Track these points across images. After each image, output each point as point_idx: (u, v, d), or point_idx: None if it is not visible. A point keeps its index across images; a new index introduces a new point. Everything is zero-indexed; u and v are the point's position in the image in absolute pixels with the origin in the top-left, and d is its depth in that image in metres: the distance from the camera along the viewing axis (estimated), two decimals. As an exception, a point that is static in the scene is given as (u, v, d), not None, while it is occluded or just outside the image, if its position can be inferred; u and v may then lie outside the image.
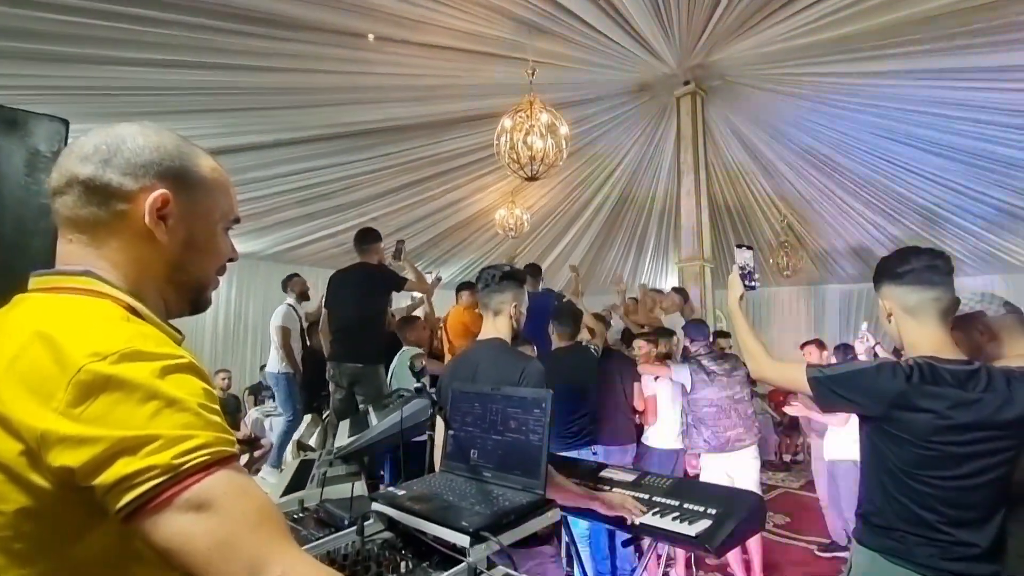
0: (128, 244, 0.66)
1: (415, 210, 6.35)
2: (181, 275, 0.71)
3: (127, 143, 0.66)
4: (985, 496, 1.21)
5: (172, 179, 0.67)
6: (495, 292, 1.81)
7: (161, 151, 0.67)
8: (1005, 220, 5.81)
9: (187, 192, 0.69)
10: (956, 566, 1.19)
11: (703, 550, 1.55)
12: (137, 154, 0.66)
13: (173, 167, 0.68)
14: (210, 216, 0.72)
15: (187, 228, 0.69)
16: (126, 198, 0.65)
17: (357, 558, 1.14)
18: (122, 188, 0.65)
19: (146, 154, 0.66)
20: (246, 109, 4.07)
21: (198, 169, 0.70)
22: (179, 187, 0.68)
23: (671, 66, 4.56)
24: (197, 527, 0.53)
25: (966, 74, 3.89)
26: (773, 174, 6.06)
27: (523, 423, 1.37)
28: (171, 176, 0.67)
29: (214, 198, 0.72)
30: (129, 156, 0.65)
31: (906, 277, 1.32)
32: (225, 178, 0.75)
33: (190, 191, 0.69)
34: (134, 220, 0.65)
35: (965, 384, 1.20)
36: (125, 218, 0.65)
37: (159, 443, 0.53)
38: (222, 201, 0.74)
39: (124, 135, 0.67)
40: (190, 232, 0.70)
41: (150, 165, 0.66)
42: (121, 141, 0.66)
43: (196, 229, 0.70)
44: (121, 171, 0.65)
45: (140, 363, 0.55)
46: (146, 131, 0.69)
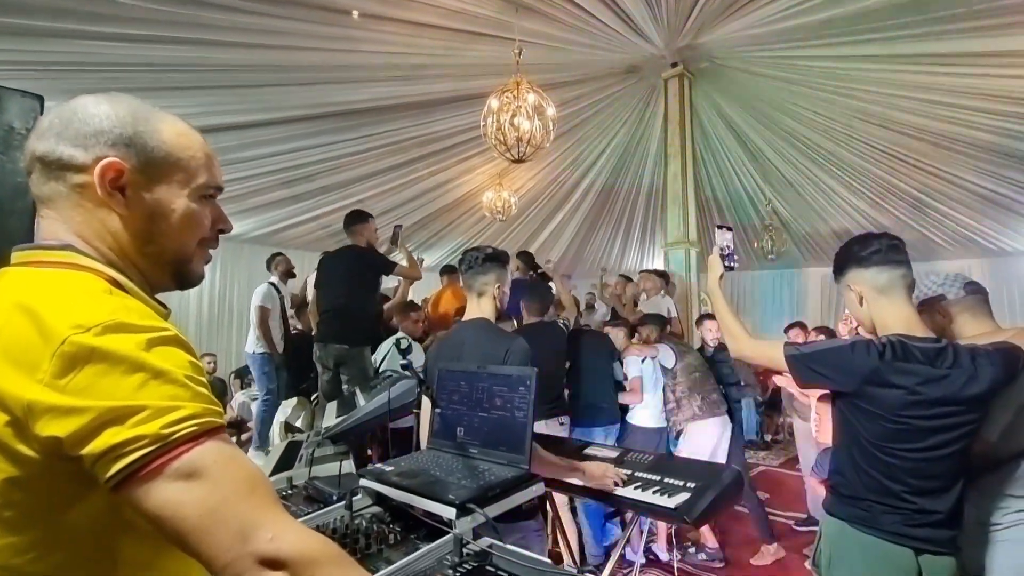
0: (92, 217, 0.65)
1: (401, 192, 6.30)
2: (152, 248, 0.68)
3: (78, 114, 0.64)
4: (947, 467, 1.27)
5: (125, 147, 0.64)
6: (479, 274, 1.83)
7: (113, 118, 0.64)
8: (984, 206, 5.93)
9: (145, 160, 0.65)
10: (919, 532, 1.26)
11: (683, 521, 1.61)
12: (86, 123, 0.63)
13: (125, 134, 0.64)
14: (176, 184, 0.68)
15: (150, 198, 0.66)
16: (80, 170, 0.63)
17: (346, 532, 1.17)
18: (74, 160, 0.63)
19: (95, 123, 0.64)
20: (228, 87, 3.98)
21: (157, 134, 0.67)
22: (136, 155, 0.65)
23: (659, 47, 4.54)
24: (188, 495, 0.54)
25: (946, 59, 3.93)
26: (759, 157, 6.11)
27: (509, 400, 1.40)
28: (124, 144, 0.64)
29: (180, 165, 0.68)
30: (79, 127, 0.63)
31: (873, 258, 1.36)
32: (194, 143, 0.70)
33: (149, 159, 0.66)
34: (95, 193, 0.64)
35: (934, 361, 1.25)
36: (85, 191, 0.64)
37: (147, 413, 0.53)
38: (191, 168, 0.69)
39: (76, 106, 0.65)
40: (154, 202, 0.66)
41: (100, 134, 0.63)
42: (73, 113, 0.64)
43: (160, 199, 0.67)
44: (72, 143, 0.63)
45: (125, 335, 0.55)
46: (101, 100, 0.65)
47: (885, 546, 1.27)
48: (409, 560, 1.01)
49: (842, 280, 1.44)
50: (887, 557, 1.27)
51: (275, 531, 0.56)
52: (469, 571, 0.98)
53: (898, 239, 1.38)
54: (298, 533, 0.59)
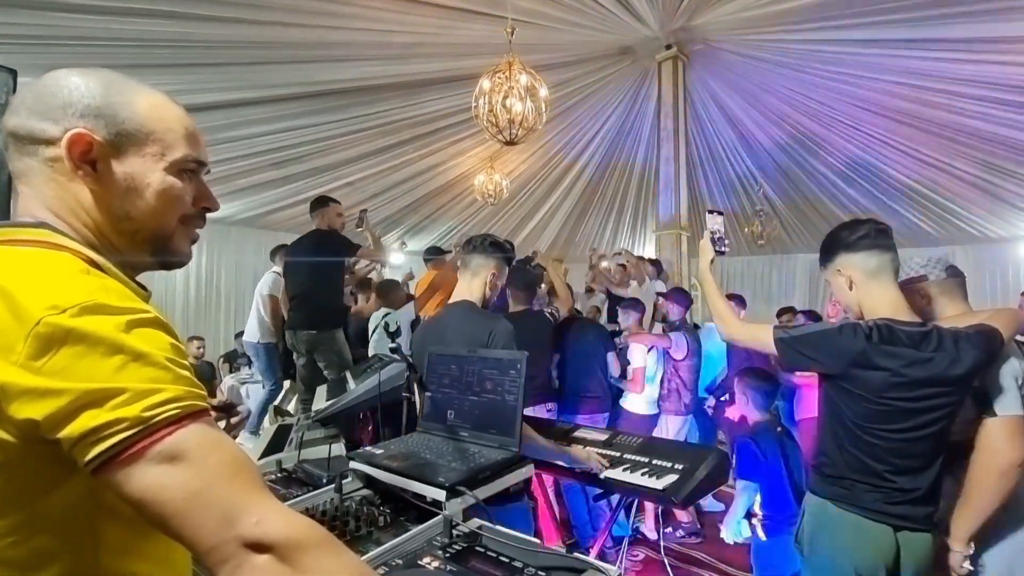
0: (65, 193, 0.63)
1: (392, 175, 6.22)
2: (129, 225, 0.66)
3: (49, 87, 0.62)
4: (928, 446, 1.31)
5: (95, 118, 0.62)
6: (478, 254, 1.84)
7: (83, 89, 0.62)
8: (970, 192, 5.98)
9: (116, 131, 0.63)
10: (898, 509, 1.31)
11: (671, 503, 1.63)
12: (56, 95, 0.62)
13: (94, 105, 0.62)
14: (150, 157, 0.65)
15: (123, 171, 0.64)
16: (51, 143, 0.61)
17: (336, 514, 1.17)
18: (44, 133, 0.61)
19: (64, 94, 0.62)
20: (212, 64, 3.88)
21: (130, 106, 0.64)
22: (106, 126, 0.63)
23: (653, 29, 4.48)
24: (170, 479, 0.53)
25: (938, 45, 3.93)
26: (751, 141, 6.10)
27: (499, 384, 1.40)
28: (93, 115, 0.62)
29: (154, 137, 0.65)
30: (49, 99, 0.62)
31: (863, 243, 1.38)
32: (172, 114, 0.68)
33: (120, 130, 0.63)
34: (66, 167, 0.62)
35: (919, 344, 1.28)
36: (56, 165, 0.62)
37: (126, 396, 0.52)
38: (168, 140, 0.66)
39: (48, 79, 0.63)
40: (127, 176, 0.64)
41: (69, 106, 0.61)
42: (44, 86, 0.63)
43: (134, 172, 0.64)
44: (41, 116, 0.61)
45: (103, 316, 0.53)
46: (73, 72, 0.64)
47: (865, 523, 1.31)
48: (399, 541, 1.01)
49: (830, 266, 1.45)
50: (867, 534, 1.31)
51: (260, 514, 0.55)
52: (458, 552, 0.99)
53: (885, 224, 1.41)
54: (284, 516, 0.58)
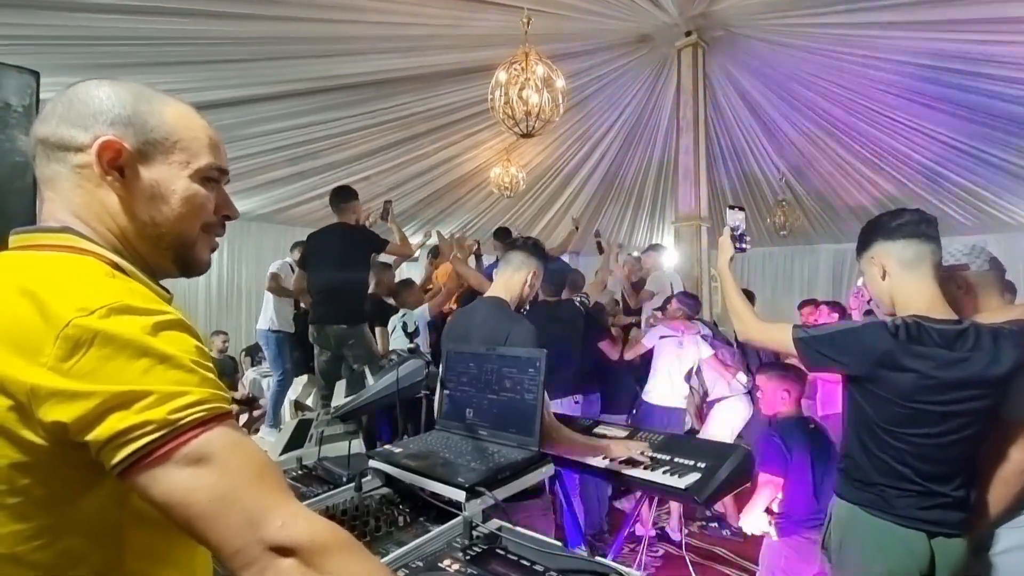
0: (92, 199, 0.65)
1: (407, 168, 6.22)
2: (153, 230, 0.67)
3: (79, 95, 0.64)
4: (960, 451, 1.24)
5: (124, 126, 0.64)
6: (522, 251, 1.85)
7: (113, 98, 0.64)
8: (1003, 178, 5.76)
9: (145, 139, 0.65)
10: (932, 514, 1.24)
11: (692, 501, 1.60)
12: (87, 104, 0.63)
13: (124, 114, 0.64)
14: (176, 165, 0.67)
15: (150, 178, 0.66)
16: (80, 150, 0.63)
17: (356, 513, 1.17)
18: (74, 141, 0.63)
19: (95, 103, 0.64)
20: (228, 61, 3.90)
21: (158, 114, 0.66)
22: (135, 134, 0.64)
23: (672, 15, 4.38)
24: (196, 481, 0.53)
25: (969, 25, 3.75)
26: (773, 130, 5.94)
27: (518, 382, 1.38)
28: (123, 123, 0.64)
29: (180, 145, 0.67)
30: (80, 107, 0.63)
31: (903, 230, 1.30)
32: (197, 124, 0.70)
33: (148, 138, 0.65)
34: (94, 173, 0.63)
35: (952, 344, 1.21)
36: (84, 172, 0.64)
37: (153, 398, 0.52)
38: (193, 148, 0.68)
39: (79, 89, 0.65)
40: (154, 182, 0.66)
41: (99, 114, 0.63)
42: (75, 95, 0.65)
43: (160, 179, 0.66)
44: (72, 124, 0.63)
45: (130, 318, 0.54)
46: (104, 83, 0.65)
47: (898, 530, 1.25)
48: (419, 543, 1.01)
49: (866, 254, 1.38)
50: (900, 541, 1.25)
51: (285, 517, 0.56)
52: (479, 554, 0.98)
53: (931, 215, 1.32)
54: (308, 519, 0.59)
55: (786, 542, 2.09)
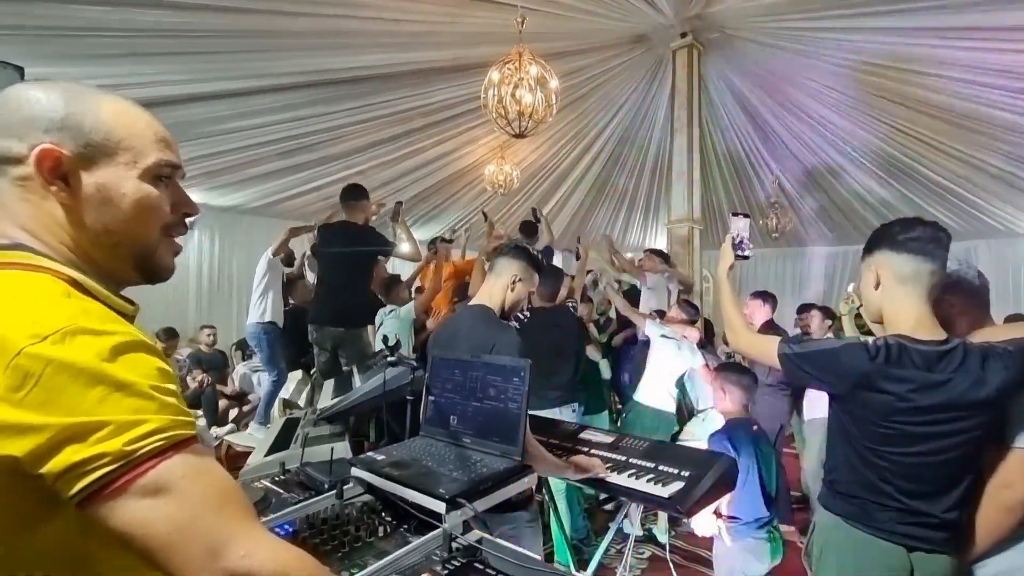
0: (39, 211, 0.61)
1: (402, 163, 6.18)
2: (108, 238, 0.64)
3: (9, 104, 0.61)
4: (945, 472, 1.23)
5: (59, 131, 0.60)
6: (506, 256, 1.85)
7: (44, 103, 0.60)
8: (995, 185, 5.80)
9: (84, 142, 0.61)
10: (913, 530, 1.24)
11: (675, 511, 1.61)
12: (18, 111, 0.60)
13: (57, 117, 0.60)
14: (122, 166, 0.63)
15: (95, 183, 0.62)
16: (19, 161, 0.59)
17: (336, 521, 1.16)
18: (11, 152, 0.59)
19: (26, 109, 0.60)
20: (220, 52, 3.85)
21: (93, 114, 0.62)
22: (73, 138, 0.61)
23: (668, 16, 4.36)
24: (155, 512, 0.52)
25: (964, 33, 3.77)
26: (766, 132, 5.95)
27: (502, 391, 1.38)
28: (57, 128, 0.60)
29: (124, 145, 0.63)
30: (10, 116, 0.60)
31: (909, 245, 1.26)
32: (139, 120, 0.66)
33: (87, 141, 0.61)
34: (37, 185, 0.60)
35: (934, 366, 1.19)
36: (28, 184, 0.60)
37: (109, 429, 0.51)
38: (138, 146, 0.64)
39: (7, 96, 0.61)
40: (101, 187, 0.62)
41: (32, 120, 0.59)
42: (4, 103, 0.61)
43: (108, 183, 0.62)
44: (6, 134, 0.59)
45: (84, 344, 0.52)
46: (32, 86, 0.62)
47: (878, 543, 1.26)
48: (397, 556, 1.00)
49: (869, 259, 1.34)
50: (879, 554, 1.26)
51: (248, 547, 0.55)
52: (458, 568, 0.97)
53: (944, 232, 1.27)
54: (272, 548, 0.58)
55: (740, 545, 2.11)
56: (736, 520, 2.10)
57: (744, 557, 2.10)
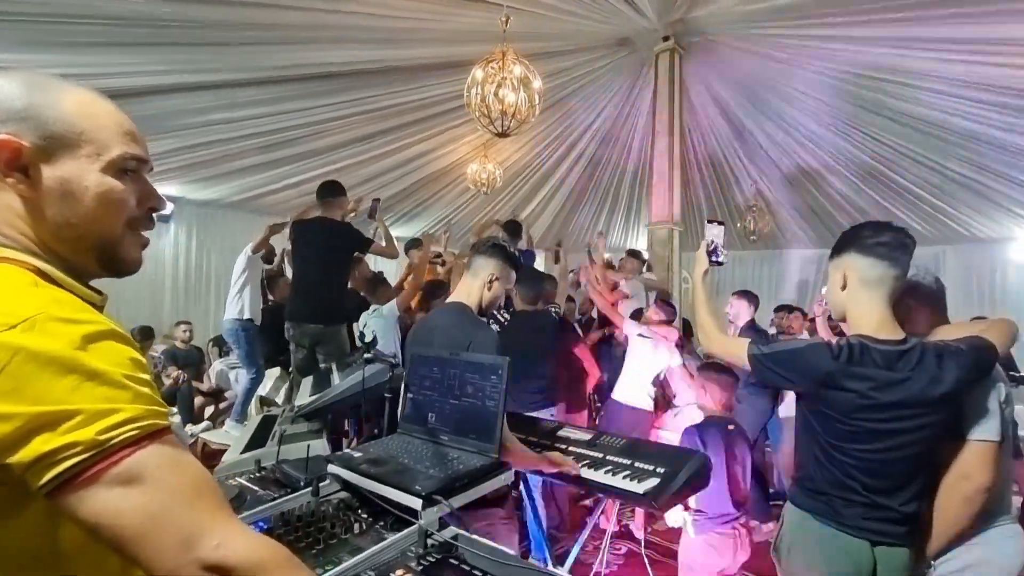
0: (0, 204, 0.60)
1: (384, 160, 6.14)
2: (70, 232, 0.63)
3: None
4: (905, 467, 1.29)
5: (19, 121, 0.59)
6: (482, 255, 1.85)
7: (3, 92, 0.59)
8: (961, 192, 6.00)
9: (45, 134, 0.60)
10: (876, 525, 1.30)
11: (650, 506, 1.64)
12: None
13: (17, 107, 0.59)
14: (84, 158, 0.62)
15: (57, 176, 0.61)
16: None
17: (311, 518, 1.16)
18: None
19: None
20: (197, 44, 3.77)
21: (57, 105, 0.61)
22: (33, 129, 0.59)
23: (651, 20, 4.41)
24: (127, 502, 0.52)
25: (933, 44, 3.89)
26: (746, 137, 6.06)
27: (480, 388, 1.39)
28: (17, 119, 0.59)
29: (86, 137, 0.62)
30: None
31: (877, 250, 1.31)
32: (103, 112, 0.65)
33: (49, 132, 0.60)
34: None
35: (894, 364, 1.25)
36: None
37: (81, 418, 0.50)
38: (102, 139, 0.63)
39: None
40: (62, 180, 0.61)
41: None
42: None
43: (70, 176, 0.61)
44: None
45: (55, 332, 0.52)
46: None
47: (843, 538, 1.31)
48: (372, 552, 1.01)
49: (838, 260, 1.40)
50: (844, 548, 1.31)
51: (221, 537, 0.55)
52: (433, 563, 0.98)
53: (909, 238, 1.33)
54: (246, 539, 0.58)
55: (703, 539, 2.18)
56: (701, 514, 2.16)
57: (706, 550, 2.16)
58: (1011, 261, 6.93)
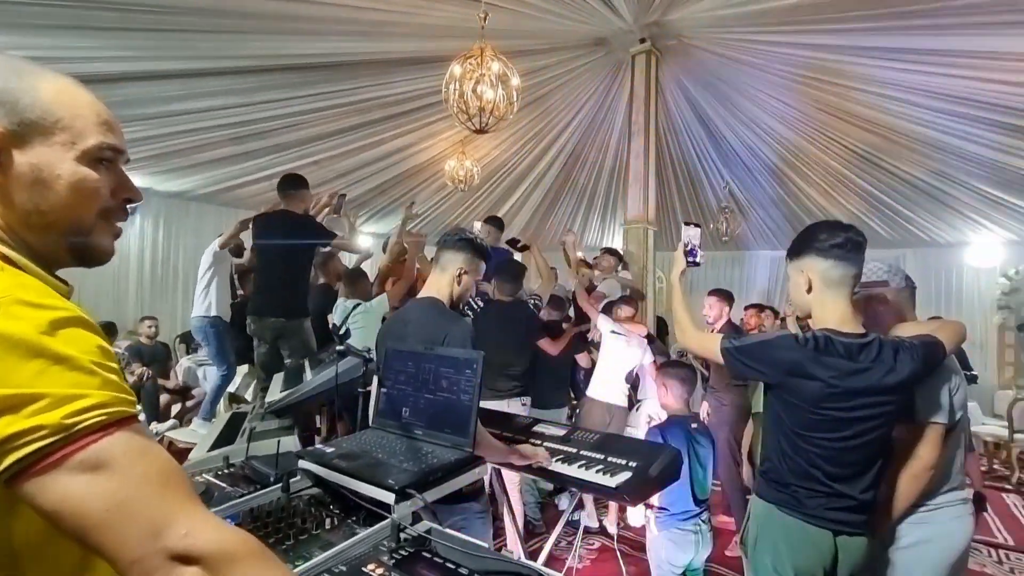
0: None
1: (360, 155, 6.06)
2: (40, 219, 0.61)
3: None
4: (864, 454, 1.37)
5: None
6: (449, 249, 1.85)
7: None
8: (922, 198, 6.25)
9: (19, 119, 0.59)
10: (838, 515, 1.37)
11: (622, 500, 1.67)
12: None
13: None
14: (59, 146, 0.61)
15: (29, 162, 0.60)
16: None
17: (282, 514, 1.14)
18: None
19: None
20: (170, 31, 3.65)
21: (34, 91, 0.60)
22: (7, 114, 0.58)
23: (628, 22, 4.47)
24: (91, 488, 0.50)
25: (895, 54, 4.04)
26: (719, 139, 6.19)
27: (455, 383, 1.39)
28: None
29: (62, 124, 0.61)
30: None
31: (835, 252, 1.38)
32: (81, 100, 0.64)
33: (22, 118, 0.59)
34: None
35: (856, 356, 1.34)
36: None
37: (46, 402, 0.49)
38: (77, 127, 0.62)
39: None
40: (34, 167, 0.60)
41: None
42: None
43: (42, 163, 0.60)
44: None
45: (20, 315, 0.50)
46: None
47: (807, 528, 1.37)
48: (344, 546, 1.00)
49: (796, 261, 1.46)
50: (808, 538, 1.37)
51: (190, 526, 0.53)
52: (405, 557, 0.98)
53: (863, 237, 1.41)
54: (216, 528, 0.56)
55: (665, 535, 2.24)
56: (664, 511, 2.21)
57: (669, 547, 2.22)
58: (966, 264, 7.26)
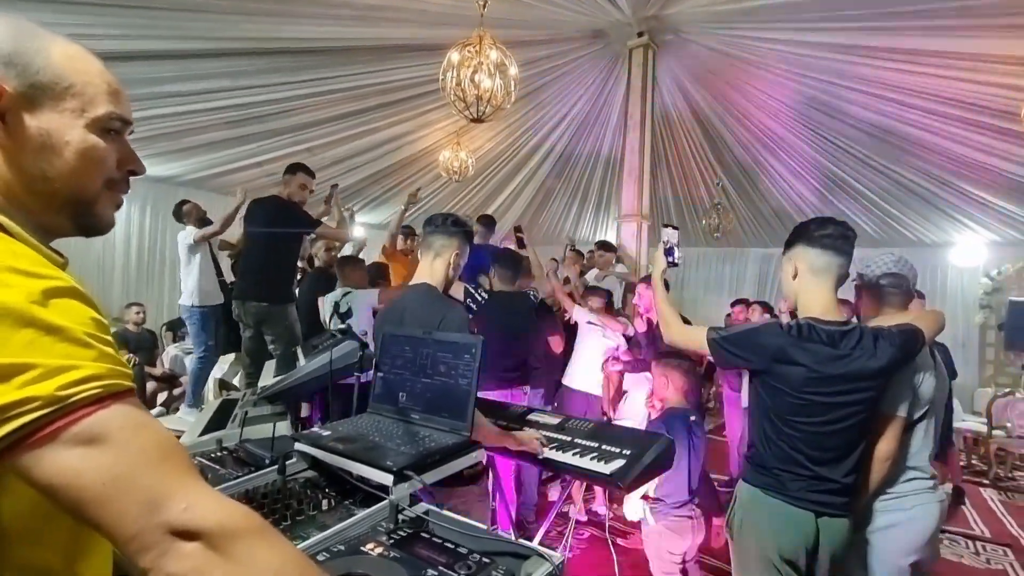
0: None
1: (355, 142, 6.00)
2: (44, 185, 0.60)
3: None
4: (844, 439, 1.42)
5: (5, 66, 0.56)
6: (441, 234, 1.82)
7: None
8: (909, 197, 6.33)
9: (29, 82, 0.58)
10: (820, 497, 1.42)
11: (616, 487, 1.68)
12: None
13: (3, 51, 0.56)
14: (69, 112, 0.60)
15: (37, 126, 0.59)
16: None
17: (278, 496, 1.13)
18: None
19: None
20: (161, 9, 3.58)
21: (46, 54, 0.59)
22: (17, 75, 0.57)
23: (626, 14, 4.46)
24: (88, 462, 0.49)
25: (889, 54, 4.08)
26: (713, 135, 6.21)
27: (453, 367, 1.39)
28: (2, 63, 0.56)
29: (73, 91, 0.60)
30: None
31: (823, 241, 1.46)
32: (92, 68, 0.63)
33: (34, 81, 0.58)
34: None
35: (837, 343, 1.39)
36: None
37: (38, 372, 0.47)
38: (88, 94, 0.61)
39: None
40: (43, 132, 0.59)
41: None
42: None
43: (51, 128, 0.59)
44: None
45: (11, 283, 0.49)
46: None
47: (790, 509, 1.42)
48: (342, 526, 1.00)
49: (789, 252, 1.54)
50: (791, 519, 1.42)
51: (190, 500, 0.52)
52: (403, 538, 0.98)
53: (851, 231, 1.47)
54: (217, 502, 0.55)
55: (663, 524, 2.27)
56: (660, 502, 2.23)
57: (667, 535, 2.24)
58: (950, 264, 7.37)
